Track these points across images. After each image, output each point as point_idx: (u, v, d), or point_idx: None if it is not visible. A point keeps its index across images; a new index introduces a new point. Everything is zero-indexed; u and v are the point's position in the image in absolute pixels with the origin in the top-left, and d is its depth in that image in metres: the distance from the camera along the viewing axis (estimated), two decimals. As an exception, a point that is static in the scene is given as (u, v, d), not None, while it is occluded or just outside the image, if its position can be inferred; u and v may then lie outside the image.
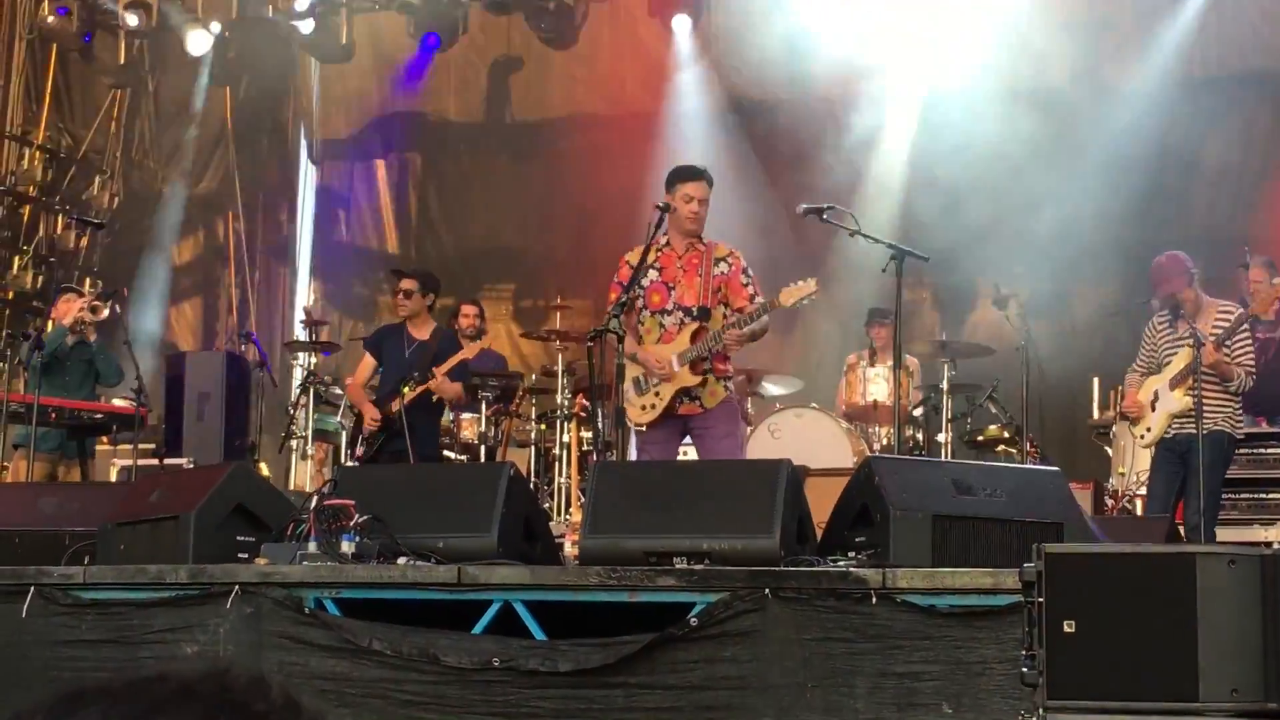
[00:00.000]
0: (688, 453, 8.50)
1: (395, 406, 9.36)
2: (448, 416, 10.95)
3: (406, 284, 9.85)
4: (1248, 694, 4.31)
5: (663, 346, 7.59)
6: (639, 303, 7.67)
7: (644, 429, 7.67)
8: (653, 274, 7.67)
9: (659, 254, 7.68)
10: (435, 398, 9.60)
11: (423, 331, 9.81)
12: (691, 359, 7.50)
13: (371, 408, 9.56)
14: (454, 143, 15.50)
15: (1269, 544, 8.17)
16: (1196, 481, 8.00)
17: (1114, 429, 10.46)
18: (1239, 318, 8.34)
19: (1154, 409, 8.45)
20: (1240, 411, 8.46)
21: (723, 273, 7.65)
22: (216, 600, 5.96)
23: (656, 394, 7.56)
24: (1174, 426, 8.36)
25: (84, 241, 14.10)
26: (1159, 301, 8.64)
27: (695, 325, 7.56)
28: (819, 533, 6.14)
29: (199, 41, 14.10)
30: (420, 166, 15.71)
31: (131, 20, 13.89)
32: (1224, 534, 8.67)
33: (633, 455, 8.02)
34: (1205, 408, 8.04)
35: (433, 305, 9.98)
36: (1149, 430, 8.51)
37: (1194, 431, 7.99)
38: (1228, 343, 8.22)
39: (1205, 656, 4.30)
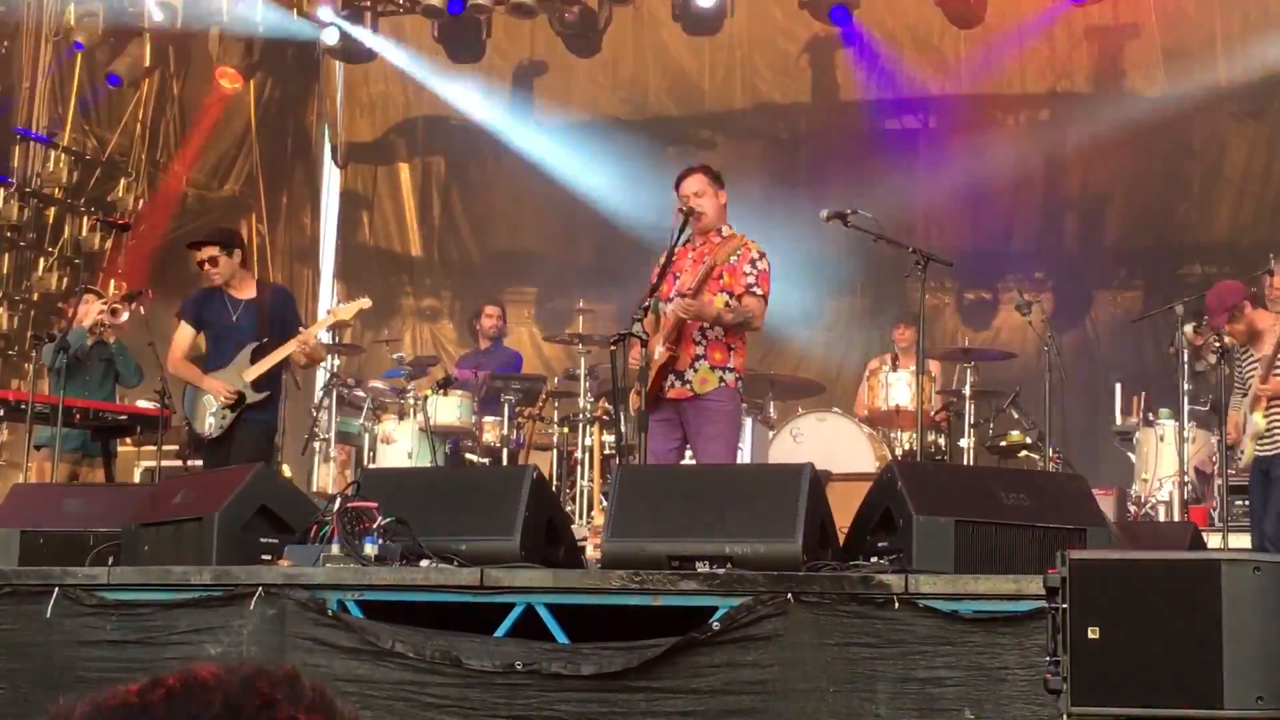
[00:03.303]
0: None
1: (256, 374, 8.56)
2: (471, 419, 10.94)
3: (208, 251, 8.67)
4: (1272, 701, 4.29)
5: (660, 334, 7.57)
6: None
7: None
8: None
9: (680, 250, 7.70)
10: (304, 362, 8.92)
11: (245, 291, 8.76)
12: (666, 336, 7.47)
13: (216, 381, 8.60)
14: (477, 146, 15.53)
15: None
16: (1276, 496, 8.33)
17: (1137, 434, 10.43)
18: None
19: (1244, 430, 8.67)
20: None
21: (730, 262, 7.61)
22: (240, 602, 5.98)
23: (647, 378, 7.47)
24: (1259, 448, 8.61)
25: (109, 243, 14.15)
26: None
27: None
28: (841, 537, 6.14)
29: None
30: (444, 170, 15.74)
31: (157, 15, 13.91)
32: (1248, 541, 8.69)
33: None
34: None
35: (244, 261, 8.96)
36: (1243, 452, 8.76)
37: (1277, 451, 8.43)
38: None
39: (1230, 663, 4.29)
